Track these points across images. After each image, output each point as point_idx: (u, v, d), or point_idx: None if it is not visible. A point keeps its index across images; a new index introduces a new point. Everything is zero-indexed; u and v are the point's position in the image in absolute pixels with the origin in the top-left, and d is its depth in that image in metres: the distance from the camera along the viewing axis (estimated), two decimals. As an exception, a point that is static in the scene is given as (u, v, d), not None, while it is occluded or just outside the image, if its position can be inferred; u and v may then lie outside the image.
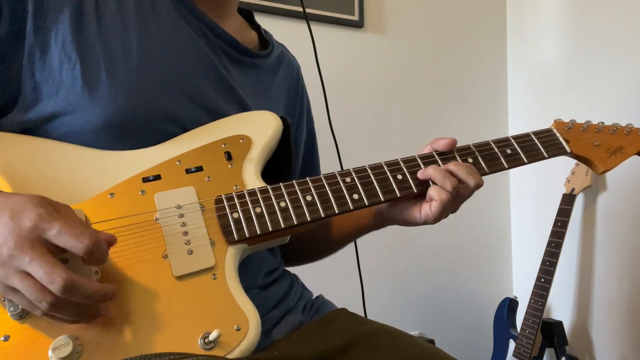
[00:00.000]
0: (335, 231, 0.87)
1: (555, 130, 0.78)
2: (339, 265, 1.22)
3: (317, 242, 0.89)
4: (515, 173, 2.02)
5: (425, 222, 0.70)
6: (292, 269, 0.86)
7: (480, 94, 2.01)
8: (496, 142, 0.74)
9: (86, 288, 0.47)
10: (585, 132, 0.79)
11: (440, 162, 0.71)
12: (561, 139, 0.77)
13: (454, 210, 0.72)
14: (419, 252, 1.85)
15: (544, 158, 0.75)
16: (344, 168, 0.70)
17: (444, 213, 0.68)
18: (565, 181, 1.65)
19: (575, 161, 1.63)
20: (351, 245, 0.91)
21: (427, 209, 0.69)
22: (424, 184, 0.69)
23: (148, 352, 0.50)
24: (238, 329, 0.53)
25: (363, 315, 0.91)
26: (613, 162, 0.78)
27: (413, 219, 0.71)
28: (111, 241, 0.51)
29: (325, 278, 1.20)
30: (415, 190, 0.68)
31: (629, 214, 1.58)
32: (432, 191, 0.67)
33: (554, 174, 1.77)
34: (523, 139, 0.76)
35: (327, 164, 0.93)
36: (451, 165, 0.69)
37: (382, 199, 0.66)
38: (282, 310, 0.72)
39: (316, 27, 1.68)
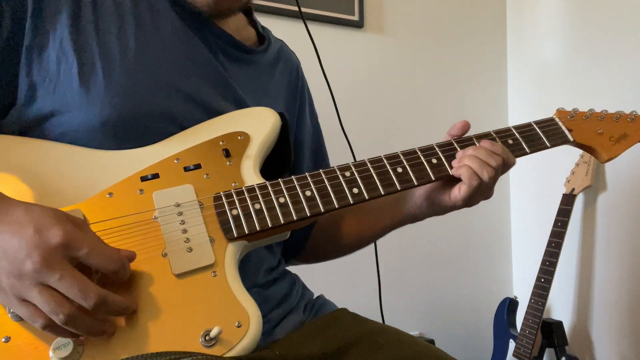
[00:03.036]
0: (350, 232, 0.87)
1: (557, 119, 0.77)
2: (339, 266, 1.22)
3: (331, 243, 0.88)
4: (515, 173, 2.02)
5: (453, 207, 0.72)
6: (293, 269, 0.85)
7: (480, 92, 2.01)
8: (498, 132, 0.74)
9: (116, 303, 0.49)
10: (588, 120, 0.77)
11: (441, 155, 0.70)
12: (564, 128, 0.76)
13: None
14: (419, 252, 1.85)
15: (547, 147, 0.74)
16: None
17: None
18: (565, 181, 1.65)
19: (575, 161, 1.64)
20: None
21: (456, 192, 0.70)
22: (425, 177, 0.68)
23: (149, 351, 0.50)
24: (239, 326, 0.53)
25: (380, 316, 0.90)
26: (617, 150, 0.76)
27: (443, 203, 0.72)
28: (132, 257, 0.52)
29: (325, 278, 1.19)
30: (416, 183, 0.68)
31: (629, 214, 1.58)
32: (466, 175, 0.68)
33: (554, 174, 1.77)
34: (525, 129, 0.75)
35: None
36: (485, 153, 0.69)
37: (382, 193, 0.66)
38: (284, 310, 0.72)
39: (316, 27, 1.69)
